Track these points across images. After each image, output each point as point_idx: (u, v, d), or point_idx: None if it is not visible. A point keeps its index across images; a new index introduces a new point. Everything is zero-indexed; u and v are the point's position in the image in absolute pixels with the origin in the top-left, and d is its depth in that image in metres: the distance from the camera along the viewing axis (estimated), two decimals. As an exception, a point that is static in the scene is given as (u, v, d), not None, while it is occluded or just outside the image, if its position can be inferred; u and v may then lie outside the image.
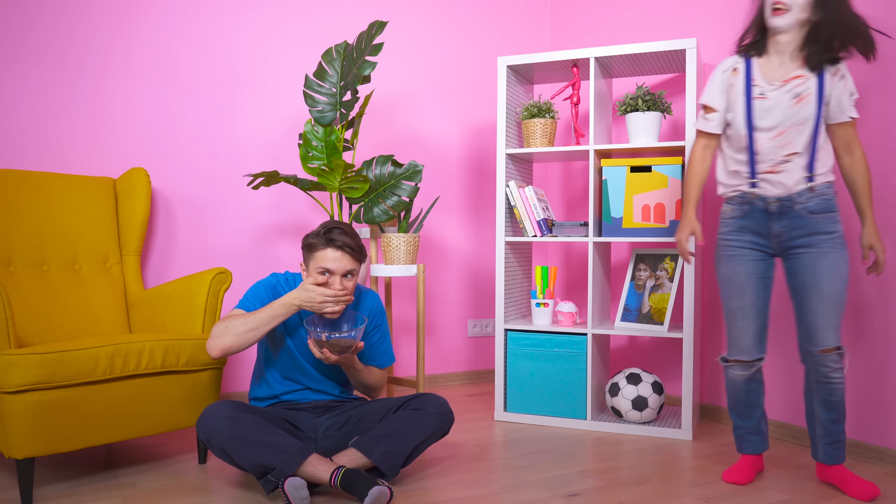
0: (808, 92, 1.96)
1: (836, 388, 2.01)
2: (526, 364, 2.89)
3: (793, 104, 1.97)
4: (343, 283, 2.03)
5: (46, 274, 2.47)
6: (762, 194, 2.04)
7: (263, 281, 2.17)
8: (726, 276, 2.12)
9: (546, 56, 2.90)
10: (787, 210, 2.02)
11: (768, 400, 2.72)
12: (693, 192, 2.16)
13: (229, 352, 1.98)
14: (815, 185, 2.00)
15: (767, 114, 1.99)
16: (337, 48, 2.88)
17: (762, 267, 2.10)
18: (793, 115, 1.97)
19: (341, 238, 2.03)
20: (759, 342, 2.12)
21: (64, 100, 2.80)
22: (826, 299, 1.98)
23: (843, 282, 1.99)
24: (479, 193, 3.73)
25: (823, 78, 1.96)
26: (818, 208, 2.00)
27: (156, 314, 2.50)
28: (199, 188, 3.06)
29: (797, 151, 1.98)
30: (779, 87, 1.99)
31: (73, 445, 1.99)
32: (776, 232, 2.05)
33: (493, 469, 2.29)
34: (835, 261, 1.99)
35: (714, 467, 2.31)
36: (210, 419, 1.93)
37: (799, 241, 2.03)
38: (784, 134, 1.99)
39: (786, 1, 1.92)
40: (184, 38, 3.02)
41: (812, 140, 1.98)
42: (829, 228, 2.00)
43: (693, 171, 2.17)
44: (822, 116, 1.98)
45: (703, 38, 3.02)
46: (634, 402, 2.72)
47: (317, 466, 1.90)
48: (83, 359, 1.96)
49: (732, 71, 2.08)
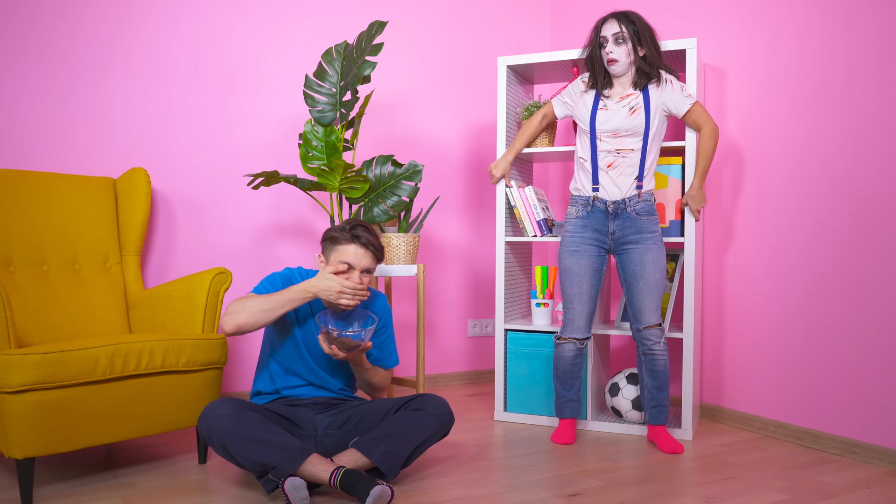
0: (639, 105, 2.48)
1: (659, 358, 2.50)
2: (526, 364, 2.89)
3: (626, 115, 2.49)
4: (361, 279, 2.10)
5: (46, 274, 2.48)
6: (602, 197, 2.53)
7: (279, 272, 2.21)
8: (569, 266, 2.58)
9: (546, 56, 2.90)
10: (620, 212, 2.51)
11: (771, 401, 2.73)
12: (520, 144, 2.81)
13: (243, 329, 2.01)
14: (643, 191, 2.50)
15: (608, 120, 2.51)
16: (337, 48, 2.89)
17: (598, 261, 2.57)
18: (626, 126, 2.48)
19: (366, 235, 2.11)
20: (588, 324, 2.58)
21: (64, 99, 2.81)
22: (648, 285, 2.48)
23: (662, 272, 2.49)
24: (479, 193, 3.74)
25: (648, 93, 2.49)
26: (643, 211, 2.50)
27: (156, 314, 2.50)
28: (199, 188, 3.06)
29: (633, 148, 2.49)
30: (616, 101, 2.51)
31: (73, 445, 1.99)
32: (611, 230, 2.54)
33: (493, 469, 2.29)
34: (656, 255, 2.48)
35: (715, 467, 2.31)
36: (212, 416, 1.94)
37: (629, 238, 2.51)
38: (618, 137, 2.50)
39: (616, 57, 2.46)
40: (184, 37, 3.02)
41: (643, 147, 2.48)
42: (653, 228, 2.50)
43: (528, 131, 2.79)
44: (653, 126, 2.49)
45: (704, 38, 3.03)
46: (635, 402, 2.72)
47: (317, 466, 1.90)
48: (83, 359, 1.97)
49: (583, 88, 2.62)
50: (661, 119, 2.53)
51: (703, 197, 2.60)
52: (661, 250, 2.50)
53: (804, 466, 2.34)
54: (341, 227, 2.13)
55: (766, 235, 2.75)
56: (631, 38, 2.45)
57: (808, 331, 2.59)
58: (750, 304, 2.80)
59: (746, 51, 2.83)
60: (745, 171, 2.83)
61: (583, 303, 2.56)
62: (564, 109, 2.70)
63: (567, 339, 2.58)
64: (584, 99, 2.59)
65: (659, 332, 2.49)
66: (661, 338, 2.50)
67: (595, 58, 2.54)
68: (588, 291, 2.55)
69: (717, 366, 2.95)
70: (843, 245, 2.47)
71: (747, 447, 2.56)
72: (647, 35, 2.46)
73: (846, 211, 2.47)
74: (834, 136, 2.50)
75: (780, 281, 2.69)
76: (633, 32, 2.45)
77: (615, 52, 2.46)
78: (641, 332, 2.51)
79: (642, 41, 2.46)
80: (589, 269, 2.55)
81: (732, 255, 2.88)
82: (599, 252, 2.56)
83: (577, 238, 2.56)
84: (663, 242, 2.53)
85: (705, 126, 2.54)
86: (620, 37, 2.44)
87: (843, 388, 2.47)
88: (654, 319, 2.50)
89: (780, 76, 2.70)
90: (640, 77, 2.50)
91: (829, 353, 2.52)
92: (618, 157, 2.50)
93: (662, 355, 2.50)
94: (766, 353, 2.74)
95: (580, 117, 2.59)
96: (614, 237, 2.53)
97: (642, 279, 2.48)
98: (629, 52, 2.46)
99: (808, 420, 2.60)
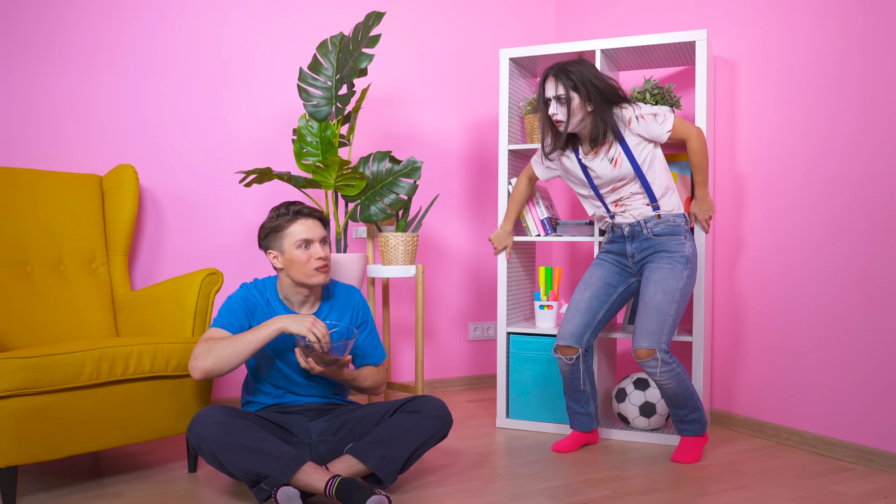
0: (618, 154, 2.40)
1: (665, 385, 2.37)
2: (529, 369, 2.89)
3: (610, 168, 2.41)
4: (324, 250, 2.13)
5: (30, 275, 2.47)
6: (619, 223, 2.51)
7: (235, 294, 2.19)
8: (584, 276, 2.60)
9: (550, 48, 2.90)
10: (637, 234, 2.47)
11: (784, 407, 2.73)
12: (513, 210, 2.80)
13: (212, 374, 2.00)
14: (662, 213, 2.44)
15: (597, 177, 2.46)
16: (332, 40, 2.88)
17: (615, 277, 2.55)
18: (615, 175, 2.42)
19: (306, 207, 2.16)
20: (579, 334, 2.51)
21: (48, 93, 2.80)
22: (649, 306, 2.36)
23: (667, 293, 2.35)
24: (480, 191, 3.73)
25: (622, 136, 2.40)
26: (663, 231, 2.43)
27: (144, 317, 2.50)
28: (190, 185, 3.06)
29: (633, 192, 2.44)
30: (593, 157, 2.45)
31: (58, 453, 1.99)
32: (630, 252, 2.50)
33: (494, 478, 2.29)
34: (665, 274, 2.38)
35: (726, 476, 2.31)
36: (202, 424, 1.93)
37: (647, 258, 2.47)
38: (617, 189, 2.46)
39: (561, 118, 2.38)
40: (173, 28, 3.02)
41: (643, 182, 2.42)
42: (671, 248, 2.42)
43: (518, 195, 2.78)
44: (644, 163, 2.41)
45: (714, 30, 3.02)
46: (642, 408, 2.72)
47: (312, 475, 1.90)
48: (68, 363, 1.96)
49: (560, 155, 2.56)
50: (649, 149, 2.43)
51: (709, 205, 2.56)
52: (673, 270, 2.38)
53: (819, 475, 2.33)
54: (277, 213, 2.15)
55: (779, 235, 2.74)
56: (577, 92, 2.35)
57: (823, 334, 2.58)
58: (762, 306, 2.80)
59: (759, 42, 2.83)
60: (757, 168, 2.83)
61: (579, 310, 2.52)
62: (549, 173, 2.68)
63: (557, 354, 2.54)
64: (565, 159, 2.53)
65: (653, 363, 2.34)
66: (657, 368, 2.34)
67: (545, 118, 2.45)
68: (589, 300, 2.52)
69: (729, 370, 2.94)
70: (859, 245, 2.47)
71: (759, 455, 2.56)
72: (590, 86, 2.34)
73: (863, 210, 2.46)
74: (851, 132, 2.50)
75: (794, 283, 2.69)
76: (574, 87, 2.34)
77: (560, 113, 2.38)
78: (638, 357, 2.38)
79: (590, 94, 2.35)
80: (600, 279, 2.54)
81: (744, 256, 2.88)
82: (620, 271, 2.55)
83: (602, 253, 2.61)
84: (686, 263, 2.40)
85: (689, 137, 2.47)
86: (563, 98, 2.36)
87: (860, 394, 2.47)
88: (644, 343, 2.34)
89: (795, 69, 2.70)
90: (596, 133, 2.39)
91: (845, 357, 2.51)
92: (623, 198, 2.47)
93: (668, 382, 2.37)
94: (778, 357, 2.74)
95: (572, 177, 2.54)
96: (634, 259, 2.50)
97: (643, 297, 2.40)
98: (579, 107, 2.37)
99: (822, 427, 2.59)
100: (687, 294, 2.39)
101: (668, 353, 2.35)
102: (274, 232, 2.14)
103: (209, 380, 2.31)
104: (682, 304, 2.38)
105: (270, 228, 2.14)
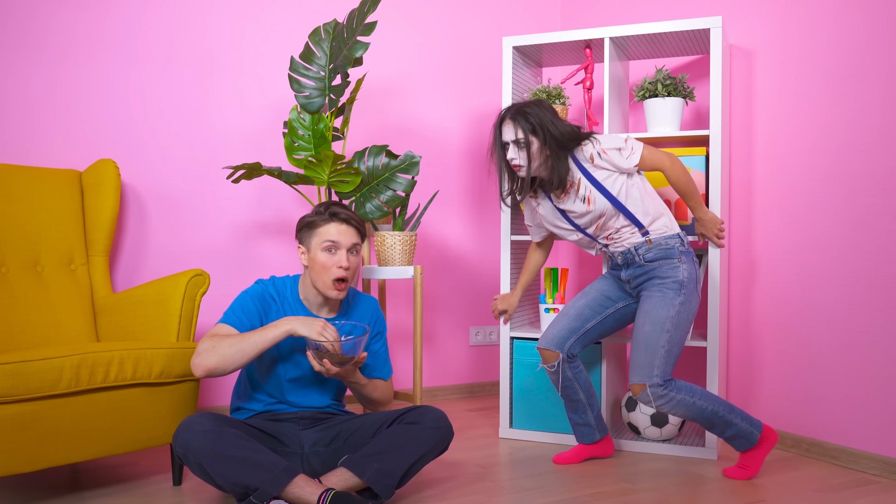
0: (588, 191, 2.40)
1: (672, 413, 2.39)
2: (534, 376, 2.89)
3: (586, 207, 2.42)
4: (349, 259, 2.14)
5: (5, 276, 2.47)
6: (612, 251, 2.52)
7: (249, 290, 2.20)
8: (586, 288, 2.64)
9: (556, 36, 2.90)
10: (630, 262, 2.48)
11: (804, 416, 2.72)
12: (524, 277, 2.83)
13: (214, 373, 2.00)
14: (652, 237, 2.43)
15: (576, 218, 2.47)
16: (325, 27, 2.88)
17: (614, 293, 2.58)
18: (593, 212, 2.42)
19: (345, 212, 2.17)
20: (561, 339, 2.54)
21: (23, 83, 2.80)
22: (638, 339, 2.40)
23: (657, 323, 2.36)
24: (481, 188, 3.73)
25: (589, 174, 2.40)
26: (655, 257, 2.43)
27: (126, 321, 2.49)
28: (174, 181, 3.05)
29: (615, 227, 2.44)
30: (563, 199, 2.45)
31: (35, 465, 1.98)
32: (625, 278, 2.52)
33: (497, 491, 2.29)
34: (655, 303, 2.39)
35: (741, 489, 2.31)
36: (188, 432, 1.93)
37: (641, 285, 2.48)
38: (602, 227, 2.46)
39: (521, 163, 2.38)
40: (156, 14, 3.02)
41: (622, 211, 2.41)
42: (664, 274, 2.42)
43: (528, 262, 2.82)
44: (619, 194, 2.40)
45: (730, 17, 3.02)
46: (654, 417, 2.72)
47: (304, 488, 1.90)
48: (46, 370, 1.96)
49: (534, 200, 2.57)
50: (622, 179, 2.42)
51: (712, 220, 2.56)
52: (664, 298, 2.38)
53: (840, 489, 2.33)
54: (317, 210, 2.18)
55: (798, 234, 2.74)
56: (536, 136, 2.35)
57: (844, 339, 2.58)
58: (780, 309, 2.80)
59: (778, 30, 2.83)
60: (776, 163, 2.83)
61: (567, 315, 2.57)
62: (541, 231, 2.70)
63: (543, 363, 2.58)
64: (541, 209, 2.54)
65: (646, 398, 2.37)
66: (651, 402, 2.37)
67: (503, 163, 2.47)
68: (581, 308, 2.56)
69: (744, 377, 2.94)
70: (883, 245, 2.47)
71: (778, 467, 2.56)
72: (546, 132, 2.34)
73: (887, 207, 2.46)
74: (875, 125, 2.50)
75: (814, 284, 2.68)
76: (532, 130, 2.35)
77: (519, 157, 2.38)
78: (633, 393, 2.41)
79: (546, 140, 2.35)
80: (598, 291, 2.59)
81: (761, 256, 2.88)
82: (619, 287, 2.58)
83: (608, 271, 2.65)
84: (679, 289, 2.39)
85: (663, 168, 2.45)
86: (522, 141, 2.36)
87: (884, 403, 2.46)
88: (634, 378, 2.38)
89: (816, 58, 2.69)
90: (553, 178, 2.38)
91: (868, 363, 2.51)
92: (611, 234, 2.46)
93: (674, 411, 2.38)
94: (797, 362, 2.74)
95: (555, 224, 2.54)
96: (630, 285, 2.53)
97: (634, 330, 2.42)
98: (538, 152, 2.37)
99: (844, 437, 2.59)
100: (682, 321, 2.38)
101: (662, 386, 2.35)
102: (307, 228, 2.18)
103: (196, 385, 2.31)
104: (675, 333, 2.37)
105: (305, 223, 2.19)
